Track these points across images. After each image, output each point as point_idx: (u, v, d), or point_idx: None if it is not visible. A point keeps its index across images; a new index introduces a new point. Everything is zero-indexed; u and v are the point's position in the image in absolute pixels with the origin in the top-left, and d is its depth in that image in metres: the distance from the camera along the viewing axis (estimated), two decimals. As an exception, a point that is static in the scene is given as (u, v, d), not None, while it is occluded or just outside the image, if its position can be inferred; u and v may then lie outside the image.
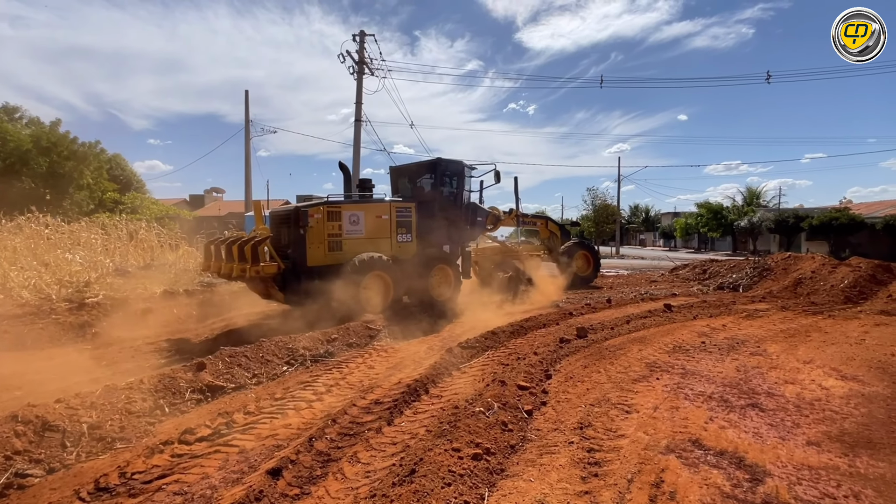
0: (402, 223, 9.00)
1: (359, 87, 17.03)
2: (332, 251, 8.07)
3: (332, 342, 6.03)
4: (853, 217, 29.62)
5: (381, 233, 8.71)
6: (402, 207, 9.07)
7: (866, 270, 10.11)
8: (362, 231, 8.47)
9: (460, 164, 10.05)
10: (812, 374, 4.64)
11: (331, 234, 8.08)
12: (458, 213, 9.96)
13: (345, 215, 8.28)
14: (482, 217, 11.03)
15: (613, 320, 7.47)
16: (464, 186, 10.12)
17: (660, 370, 4.76)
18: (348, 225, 8.31)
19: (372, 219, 8.62)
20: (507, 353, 5.47)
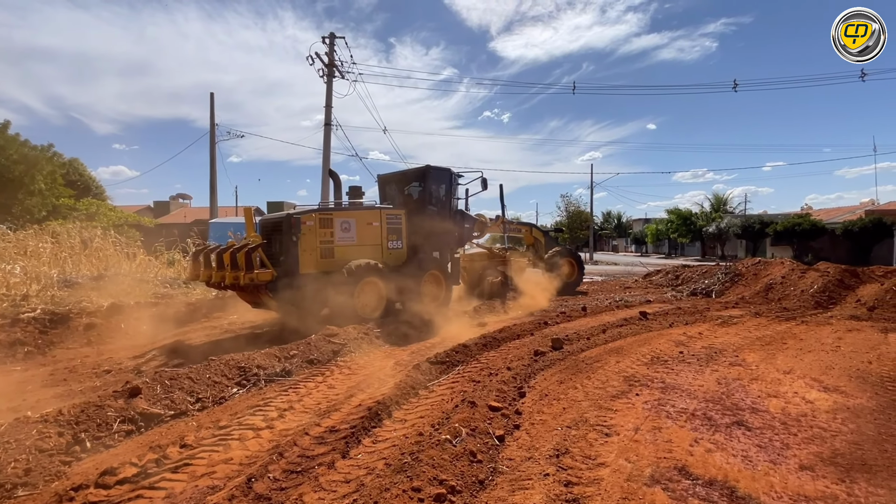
0: (392, 230, 9.10)
1: (328, 91, 16.56)
2: (325, 258, 8.08)
3: (291, 359, 5.57)
4: (815, 223, 30.68)
5: (372, 240, 8.79)
6: (392, 215, 9.17)
7: (834, 276, 10.22)
8: (354, 238, 8.53)
9: (448, 171, 10.15)
10: (794, 386, 4.46)
11: (323, 241, 8.09)
12: (446, 220, 10.07)
13: (336, 222, 8.31)
14: (470, 224, 11.17)
15: (589, 330, 7.24)
16: (452, 194, 10.27)
17: (639, 385, 4.50)
18: (340, 232, 8.35)
19: (363, 226, 8.71)
20: (479, 369, 5.13)
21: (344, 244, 8.35)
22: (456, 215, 10.47)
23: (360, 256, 8.28)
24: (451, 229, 10.22)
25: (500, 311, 9.64)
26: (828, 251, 29.72)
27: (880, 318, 8.01)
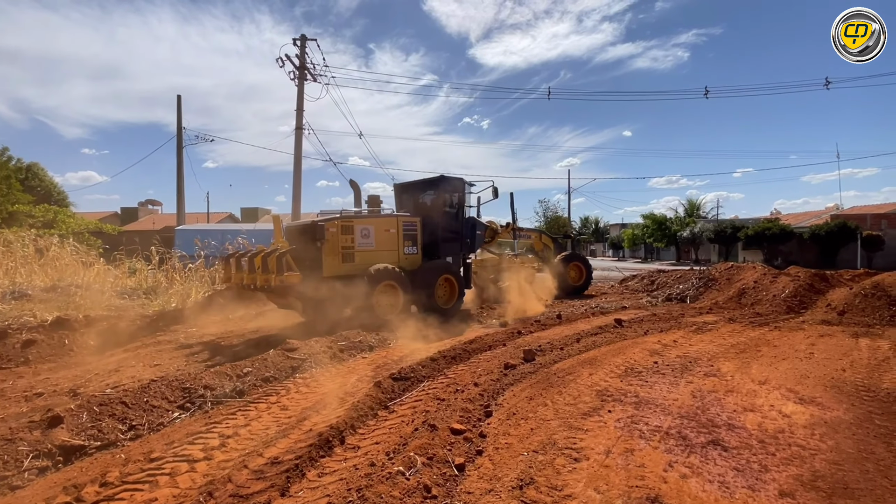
0: (408, 236, 9.64)
1: (300, 93, 16.13)
2: (346, 262, 8.68)
3: (244, 377, 5.17)
4: (784, 227, 31.45)
5: (389, 245, 9.37)
6: (408, 222, 9.70)
7: (805, 280, 10.29)
8: (373, 244, 9.13)
9: (461, 180, 10.64)
10: (770, 398, 4.29)
11: (344, 246, 8.69)
12: (458, 227, 10.58)
13: (357, 229, 8.90)
14: (481, 230, 11.63)
15: (563, 339, 7.02)
16: (464, 202, 10.73)
17: (612, 400, 4.27)
18: (360, 238, 8.95)
19: (381, 232, 9.27)
20: (445, 385, 4.83)
21: (364, 249, 8.94)
22: (468, 222, 10.91)
23: (378, 261, 8.84)
24: (463, 235, 10.66)
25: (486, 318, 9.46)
26: (796, 255, 30.51)
27: (850, 323, 8.03)
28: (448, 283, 9.98)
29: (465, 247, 10.79)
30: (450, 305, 9.86)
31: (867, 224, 30.32)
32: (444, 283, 9.91)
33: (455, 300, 10.01)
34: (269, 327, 8.76)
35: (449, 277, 9.92)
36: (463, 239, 10.69)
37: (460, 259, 10.56)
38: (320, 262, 8.31)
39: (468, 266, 10.82)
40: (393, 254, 9.36)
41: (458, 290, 10.07)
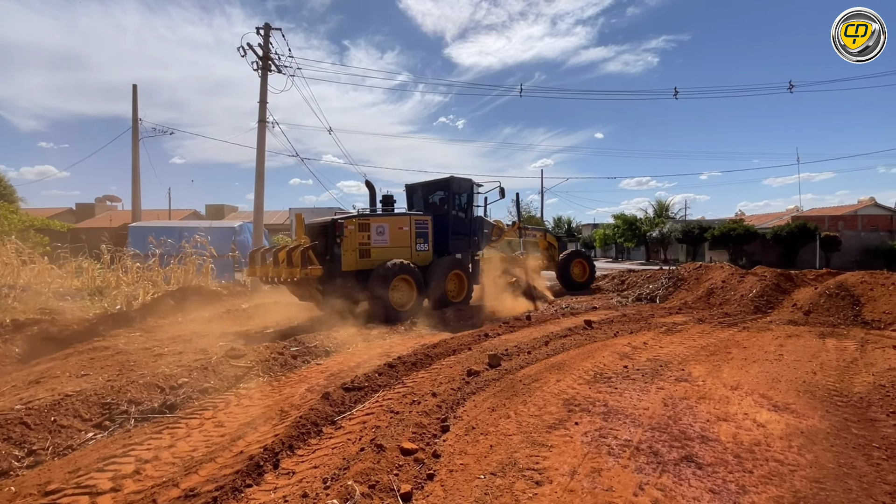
0: (420, 234, 10.26)
1: (263, 85, 15.41)
2: (363, 258, 9.30)
3: (178, 389, 4.65)
4: (748, 228, 32.31)
5: (402, 242, 9.99)
6: (420, 220, 10.35)
7: (771, 280, 10.34)
8: (387, 241, 9.72)
9: (469, 181, 11.27)
10: (743, 405, 4.07)
11: (361, 243, 9.31)
12: (467, 226, 11.17)
13: (373, 227, 9.53)
14: (488, 229, 12.27)
15: (531, 342, 6.72)
16: (472, 202, 11.36)
17: (579, 410, 3.97)
18: (375, 235, 9.56)
19: (395, 230, 9.91)
20: (401, 395, 4.43)
21: (379, 246, 9.56)
22: (475, 221, 11.49)
23: (392, 257, 9.40)
24: (471, 233, 11.25)
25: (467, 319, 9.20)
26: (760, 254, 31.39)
27: (816, 323, 8.03)
28: (458, 278, 10.63)
29: (473, 244, 11.31)
30: (460, 300, 10.52)
31: (825, 225, 31.47)
32: (455, 279, 10.53)
33: (465, 295, 10.69)
34: (222, 332, 8.17)
35: (459, 273, 10.58)
36: (471, 237, 11.23)
37: (469, 256, 11.09)
38: (339, 258, 8.91)
39: (476, 263, 11.37)
40: (406, 250, 9.95)
41: (467, 286, 10.75)
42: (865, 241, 31.37)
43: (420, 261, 10.02)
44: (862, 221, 32.82)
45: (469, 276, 10.80)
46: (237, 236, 16.86)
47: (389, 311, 8.82)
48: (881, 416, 3.81)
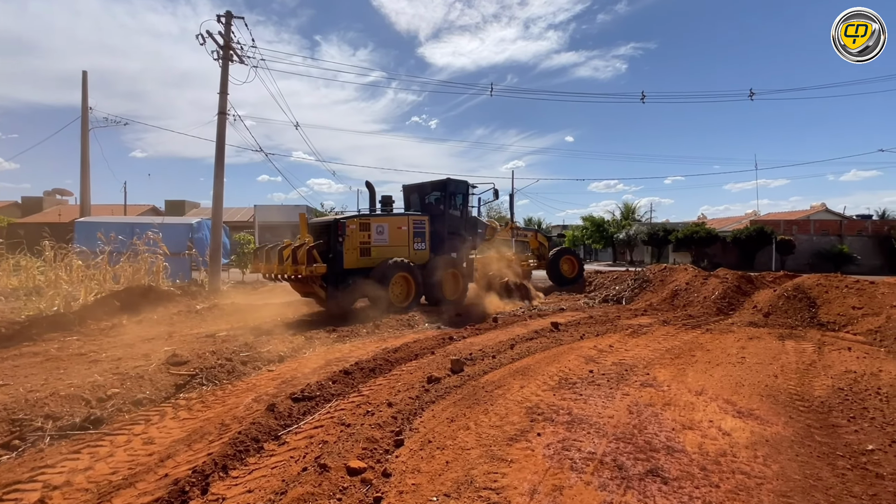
0: (417, 233, 10.69)
1: (223, 75, 14.70)
2: (363, 256, 9.74)
3: (107, 401, 4.21)
4: (709, 231, 33.32)
5: (401, 241, 10.41)
6: (417, 220, 10.79)
7: (732, 282, 10.53)
8: (387, 240, 10.15)
9: (465, 183, 11.70)
10: (708, 411, 3.97)
11: (362, 242, 9.76)
12: (462, 225, 11.60)
13: (373, 226, 9.99)
14: (482, 229, 12.67)
15: (497, 345, 6.53)
16: (468, 202, 11.81)
17: (542, 419, 3.77)
18: (376, 235, 9.99)
19: (394, 230, 10.35)
20: (355, 405, 4.14)
21: (379, 245, 9.99)
22: (470, 221, 11.94)
23: (392, 255, 9.86)
24: (466, 234, 11.65)
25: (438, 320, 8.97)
26: (720, 257, 32.42)
27: (776, 324, 8.17)
28: (454, 277, 11.04)
29: (468, 244, 11.70)
30: (456, 297, 10.90)
31: (781, 229, 32.78)
32: (451, 277, 10.95)
33: (460, 293, 11.09)
34: (169, 335, 7.63)
35: (455, 272, 11.01)
36: (466, 237, 11.64)
37: (464, 255, 11.45)
38: (341, 256, 9.27)
39: (471, 262, 11.78)
40: (404, 249, 10.36)
41: (462, 283, 11.19)
42: (817, 244, 32.88)
43: (418, 259, 10.42)
44: (814, 226, 34.36)
45: (464, 274, 11.20)
46: (195, 233, 16.05)
47: (389, 307, 9.19)
48: (842, 422, 3.78)
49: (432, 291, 10.31)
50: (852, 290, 8.85)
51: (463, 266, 11.28)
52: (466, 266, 11.46)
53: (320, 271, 8.84)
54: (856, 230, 33.95)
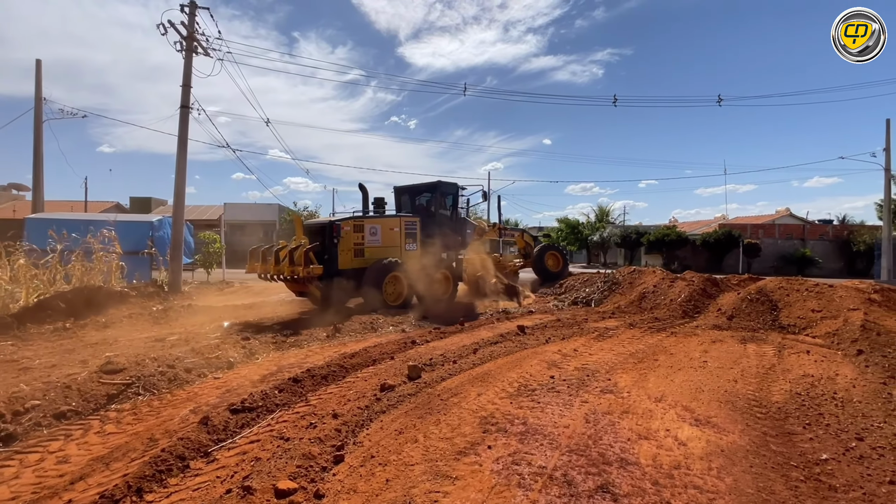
0: (409, 234, 10.99)
1: (187, 67, 14.11)
2: (357, 257, 10.03)
3: (25, 414, 3.85)
4: (680, 234, 34.03)
5: (393, 242, 10.70)
6: (409, 222, 11.09)
7: (698, 285, 10.62)
8: (379, 241, 10.47)
9: (455, 185, 12.17)
10: (666, 420, 3.87)
11: (356, 243, 10.07)
12: (452, 227, 11.93)
13: (367, 228, 10.32)
14: (470, 230, 13.02)
15: (460, 349, 6.35)
16: (458, 204, 12.21)
17: (495, 430, 3.59)
18: (369, 236, 10.30)
19: (387, 231, 10.65)
20: (299, 416, 3.88)
21: (372, 246, 10.31)
22: (459, 222, 12.28)
23: (384, 256, 10.18)
24: (455, 234, 11.98)
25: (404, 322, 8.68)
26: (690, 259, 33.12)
27: (739, 327, 8.23)
28: (444, 276, 11.25)
29: (457, 244, 12.02)
30: (446, 296, 11.13)
31: (747, 233, 33.70)
32: (441, 277, 11.15)
33: (451, 292, 11.34)
34: (116, 339, 7.19)
35: (444, 271, 11.26)
36: (456, 237, 11.95)
37: (454, 254, 11.72)
38: (336, 257, 9.59)
39: (460, 262, 11.99)
40: (396, 250, 10.63)
41: (452, 283, 11.42)
42: (782, 248, 33.95)
43: (409, 259, 10.63)
44: (779, 230, 35.48)
45: (454, 274, 11.49)
46: (156, 232, 15.38)
47: (383, 306, 9.51)
48: (798, 429, 3.72)
49: (423, 291, 10.51)
50: (812, 293, 9.01)
51: (453, 266, 11.53)
52: (456, 266, 11.69)
53: (317, 273, 9.09)
54: (818, 234, 35.19)
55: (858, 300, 8.32)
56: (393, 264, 9.97)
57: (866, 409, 4.21)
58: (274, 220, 36.08)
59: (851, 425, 3.80)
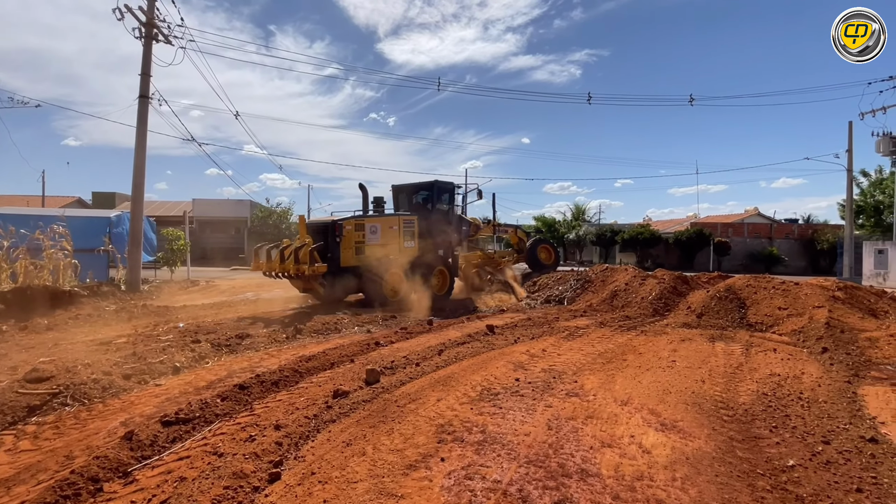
0: (407, 232, 11.39)
1: (146, 55, 13.43)
2: (358, 255, 10.40)
3: (-77, 431, 3.42)
4: (653, 233, 34.53)
5: (392, 240, 11.09)
6: (407, 220, 11.49)
7: (669, 283, 10.63)
8: (379, 239, 10.84)
9: (451, 184, 12.68)
10: (631, 425, 3.70)
11: (357, 241, 10.43)
12: (448, 224, 12.30)
13: (367, 227, 10.70)
14: (466, 227, 13.33)
15: (425, 351, 6.10)
16: (454, 202, 12.70)
17: (451, 439, 3.36)
18: (369, 234, 10.69)
19: (386, 229, 11.05)
20: (239, 427, 3.56)
21: (372, 244, 10.68)
22: (455, 220, 12.67)
23: (383, 254, 10.64)
24: (452, 231, 12.34)
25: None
26: (663, 257, 33.67)
27: (707, 325, 8.22)
28: (441, 273, 11.78)
29: (453, 241, 12.44)
30: (443, 292, 11.63)
31: (718, 232, 34.43)
32: (438, 274, 11.68)
33: (447, 288, 11.87)
34: (55, 343, 6.68)
35: (441, 268, 11.75)
36: (452, 234, 12.34)
37: (450, 252, 12.22)
38: (338, 255, 10.02)
39: (456, 258, 12.49)
40: (395, 247, 11.04)
41: (449, 279, 11.95)
42: (750, 246, 34.81)
43: (407, 257, 11.11)
44: (748, 229, 36.38)
45: (450, 270, 12.00)
46: (114, 228, 14.63)
47: (384, 301, 10.15)
48: (765, 433, 3.60)
49: (420, 286, 10.88)
50: (779, 291, 9.08)
51: (449, 262, 12.02)
52: (452, 262, 12.20)
53: (321, 270, 9.57)
54: (784, 233, 36.22)
55: (823, 298, 8.41)
56: (393, 261, 10.60)
57: (832, 409, 4.14)
58: (245, 216, 35.09)
59: (818, 427, 3.71)
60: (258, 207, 35.01)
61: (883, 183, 28.91)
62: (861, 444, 3.37)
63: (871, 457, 3.18)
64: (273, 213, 33.52)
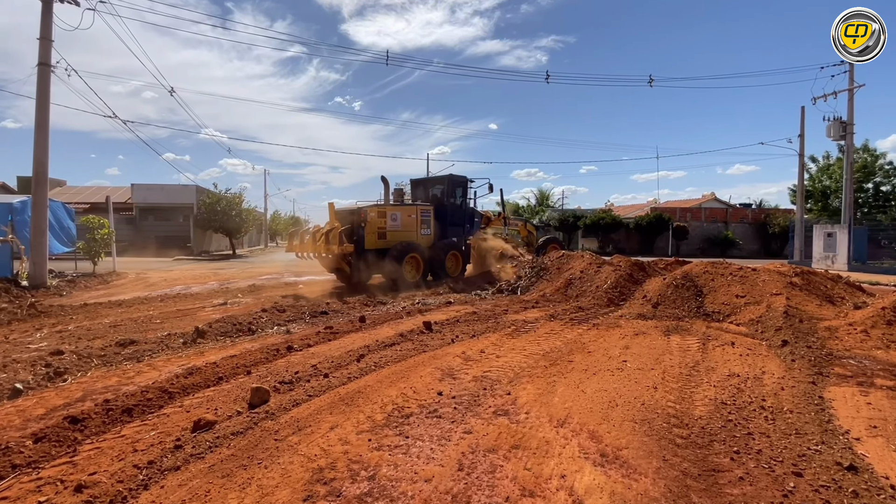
0: (424, 221, 12.83)
1: (45, 17, 11.70)
2: (380, 239, 11.83)
3: None
4: (615, 218, 34.60)
5: (410, 227, 12.52)
6: (424, 210, 12.94)
7: (625, 270, 10.10)
8: (399, 226, 12.24)
9: (464, 178, 14.01)
10: (564, 457, 2.95)
11: (380, 227, 11.87)
12: (461, 215, 13.79)
13: (388, 214, 12.10)
14: (478, 218, 14.76)
15: (342, 356, 5.22)
16: (467, 195, 14.02)
17: (326, 491, 2.50)
18: (390, 221, 12.08)
19: (405, 217, 12.44)
20: (34, 487, 2.58)
21: (393, 230, 12.07)
22: (468, 211, 14.06)
23: (403, 239, 12.07)
24: (464, 221, 13.85)
25: None
26: (624, 242, 33.83)
27: (663, 316, 7.68)
28: (454, 257, 13.13)
29: (466, 231, 13.96)
30: (456, 274, 13.05)
31: (677, 217, 34.84)
32: (452, 258, 13.04)
33: (460, 270, 13.31)
34: None
35: (455, 253, 13.14)
36: (465, 224, 13.86)
37: (463, 240, 13.64)
38: (363, 238, 11.42)
39: (468, 246, 13.89)
40: (413, 234, 12.48)
41: (462, 263, 13.38)
42: (707, 231, 35.44)
43: (424, 243, 12.55)
44: (705, 213, 37.02)
45: (463, 255, 13.36)
46: (17, 215, 12.92)
47: (402, 282, 11.27)
48: (725, 462, 2.92)
49: (436, 269, 12.40)
50: (736, 277, 8.65)
51: (462, 249, 13.35)
52: (465, 249, 13.56)
53: (349, 250, 11.04)
54: (739, 218, 37.06)
55: (780, 284, 8.01)
56: (411, 245, 11.94)
57: (799, 422, 3.53)
58: (192, 203, 32.87)
59: (786, 450, 3.06)
60: (206, 193, 32.82)
61: (830, 168, 29.74)
62: (839, 476, 2.73)
63: (854, 495, 2.54)
64: (222, 199, 31.45)
